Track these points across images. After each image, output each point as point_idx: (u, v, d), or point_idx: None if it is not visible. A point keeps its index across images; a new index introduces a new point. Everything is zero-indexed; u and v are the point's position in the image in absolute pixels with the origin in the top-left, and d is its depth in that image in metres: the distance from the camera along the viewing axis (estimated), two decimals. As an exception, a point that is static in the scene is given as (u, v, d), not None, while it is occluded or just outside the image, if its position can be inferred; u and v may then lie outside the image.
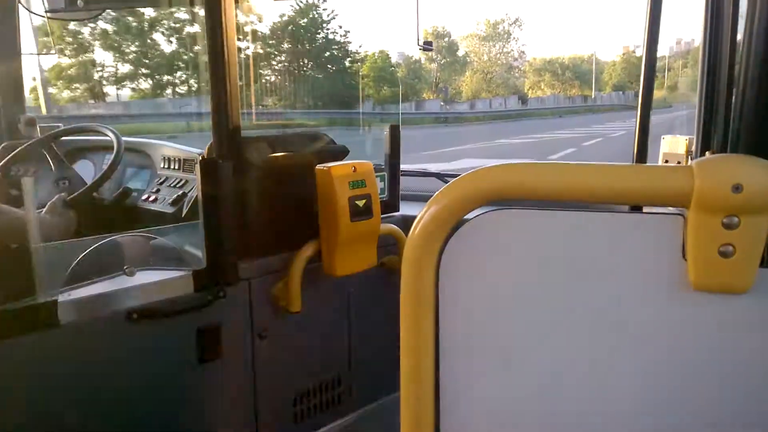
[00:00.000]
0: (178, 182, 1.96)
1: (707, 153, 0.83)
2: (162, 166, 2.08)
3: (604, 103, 50.69)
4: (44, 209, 1.66)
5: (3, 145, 2.20)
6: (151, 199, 1.98)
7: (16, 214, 1.53)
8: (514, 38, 55.45)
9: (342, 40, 32.58)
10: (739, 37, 0.71)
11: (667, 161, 1.29)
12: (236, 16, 1.32)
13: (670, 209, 0.61)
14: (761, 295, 0.58)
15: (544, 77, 63.81)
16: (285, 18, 31.37)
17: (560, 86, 62.44)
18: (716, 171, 0.55)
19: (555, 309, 0.64)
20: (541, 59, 65.51)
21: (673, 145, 1.27)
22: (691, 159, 1.08)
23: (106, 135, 1.99)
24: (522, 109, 39.17)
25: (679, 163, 1.26)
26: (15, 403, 1.13)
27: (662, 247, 0.60)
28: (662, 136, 1.32)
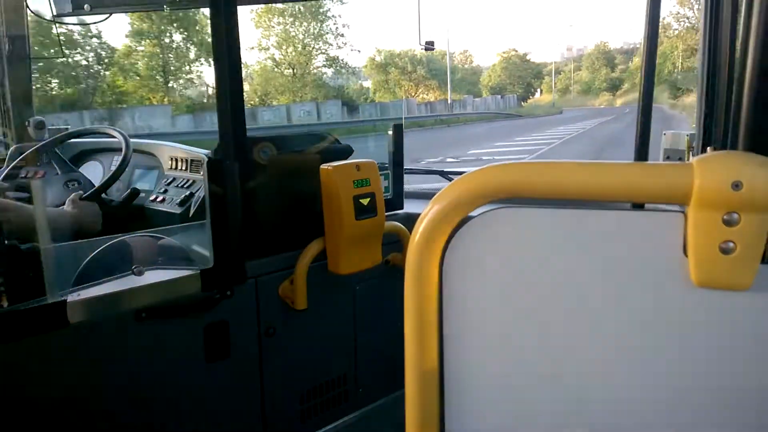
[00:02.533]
0: (186, 183, 1.98)
1: (708, 149, 0.83)
2: (169, 166, 2.09)
3: (478, 109, 40.91)
4: (65, 205, 1.69)
5: (12, 147, 2.23)
6: (158, 199, 2.00)
7: (29, 210, 1.56)
8: (332, 16, 37.97)
9: None
10: (739, 34, 0.71)
11: (668, 157, 1.30)
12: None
13: (672, 206, 0.61)
14: (762, 292, 0.58)
15: (390, 75, 49.13)
16: None
17: (413, 87, 49.37)
18: (716, 168, 0.55)
19: (557, 306, 0.65)
20: (388, 52, 49.95)
21: (675, 141, 1.27)
22: (693, 155, 1.08)
23: (114, 137, 2.01)
24: (330, 123, 24.46)
25: (680, 159, 1.26)
26: (24, 402, 1.14)
27: (663, 244, 0.60)
28: (663, 132, 1.32)
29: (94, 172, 2.23)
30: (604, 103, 71.14)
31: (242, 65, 1.34)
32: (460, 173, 0.67)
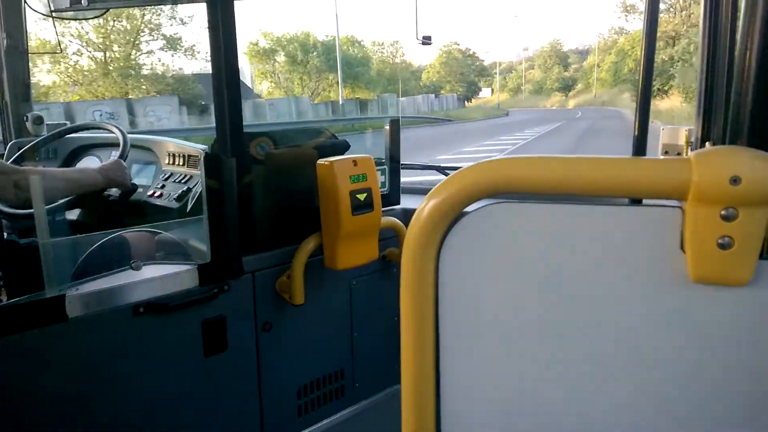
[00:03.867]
0: (183, 178, 1.97)
1: (707, 144, 0.83)
2: (167, 162, 2.09)
3: (404, 111, 31.27)
4: (99, 166, 1.79)
5: (11, 143, 2.23)
6: (156, 194, 2.00)
7: (60, 173, 1.71)
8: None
9: None
10: (739, 28, 0.71)
11: (666, 152, 1.29)
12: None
13: (669, 201, 0.61)
14: (760, 287, 0.57)
15: (275, 64, 37.59)
16: None
17: (308, 81, 37.64)
18: (714, 163, 0.54)
19: (554, 301, 0.65)
20: (278, 36, 37.20)
21: (673, 136, 1.27)
22: (691, 150, 1.08)
23: (112, 132, 2.00)
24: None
25: (678, 154, 1.26)
26: (23, 396, 1.14)
27: (661, 239, 0.60)
28: (661, 128, 1.32)
29: (92, 167, 2.22)
30: (556, 104, 66.17)
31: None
32: (457, 168, 0.66)
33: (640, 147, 1.13)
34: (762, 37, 0.63)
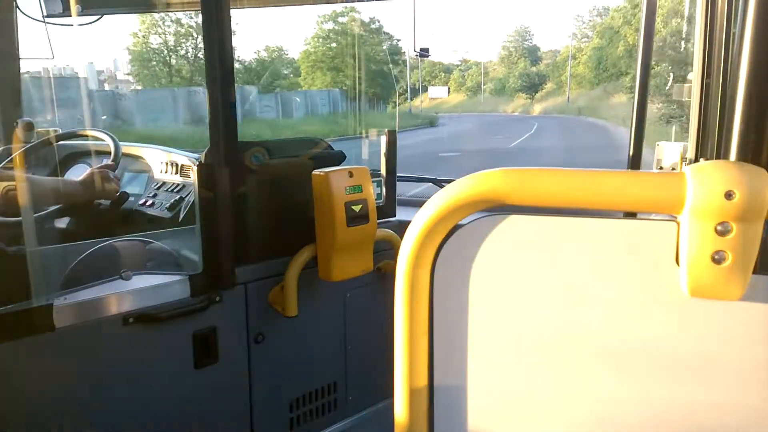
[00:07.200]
0: (175, 187, 1.96)
1: (701, 160, 0.83)
2: (159, 171, 2.08)
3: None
4: (81, 177, 1.71)
5: (1, 149, 2.21)
6: (148, 203, 1.99)
7: (43, 181, 1.71)
8: None
9: None
10: (732, 44, 0.72)
11: (661, 168, 1.30)
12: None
13: (664, 215, 0.61)
14: (754, 302, 0.58)
15: None
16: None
17: None
18: (709, 178, 0.55)
19: (549, 314, 0.65)
20: None
21: (668, 152, 1.28)
22: (686, 165, 1.09)
23: (103, 140, 1.99)
24: None
25: (673, 169, 1.27)
26: (10, 406, 1.12)
27: (655, 253, 0.60)
28: (657, 143, 1.33)
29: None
30: (519, 108, 51.41)
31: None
32: (453, 181, 0.66)
33: (634, 161, 1.14)
34: (754, 54, 0.64)
